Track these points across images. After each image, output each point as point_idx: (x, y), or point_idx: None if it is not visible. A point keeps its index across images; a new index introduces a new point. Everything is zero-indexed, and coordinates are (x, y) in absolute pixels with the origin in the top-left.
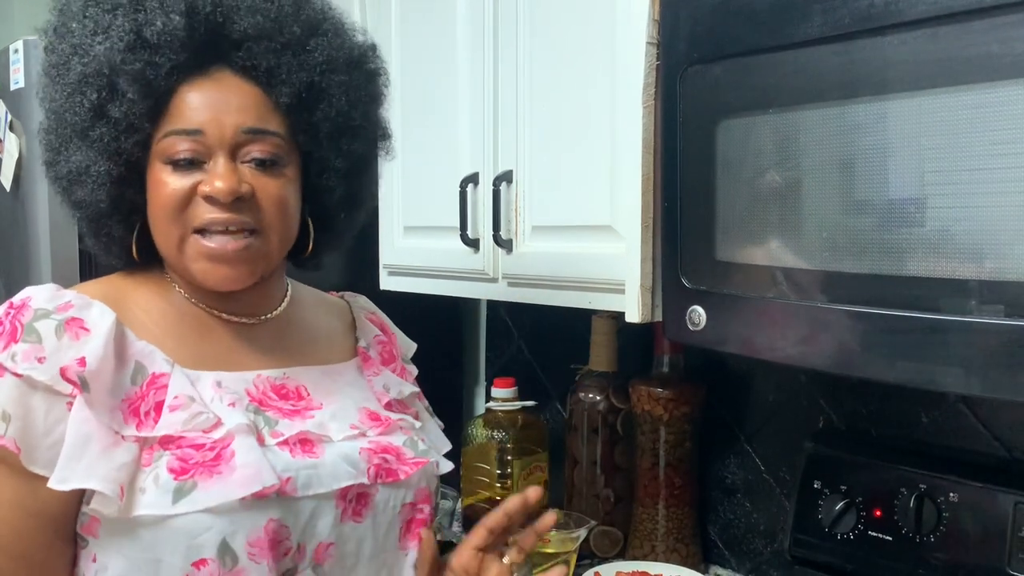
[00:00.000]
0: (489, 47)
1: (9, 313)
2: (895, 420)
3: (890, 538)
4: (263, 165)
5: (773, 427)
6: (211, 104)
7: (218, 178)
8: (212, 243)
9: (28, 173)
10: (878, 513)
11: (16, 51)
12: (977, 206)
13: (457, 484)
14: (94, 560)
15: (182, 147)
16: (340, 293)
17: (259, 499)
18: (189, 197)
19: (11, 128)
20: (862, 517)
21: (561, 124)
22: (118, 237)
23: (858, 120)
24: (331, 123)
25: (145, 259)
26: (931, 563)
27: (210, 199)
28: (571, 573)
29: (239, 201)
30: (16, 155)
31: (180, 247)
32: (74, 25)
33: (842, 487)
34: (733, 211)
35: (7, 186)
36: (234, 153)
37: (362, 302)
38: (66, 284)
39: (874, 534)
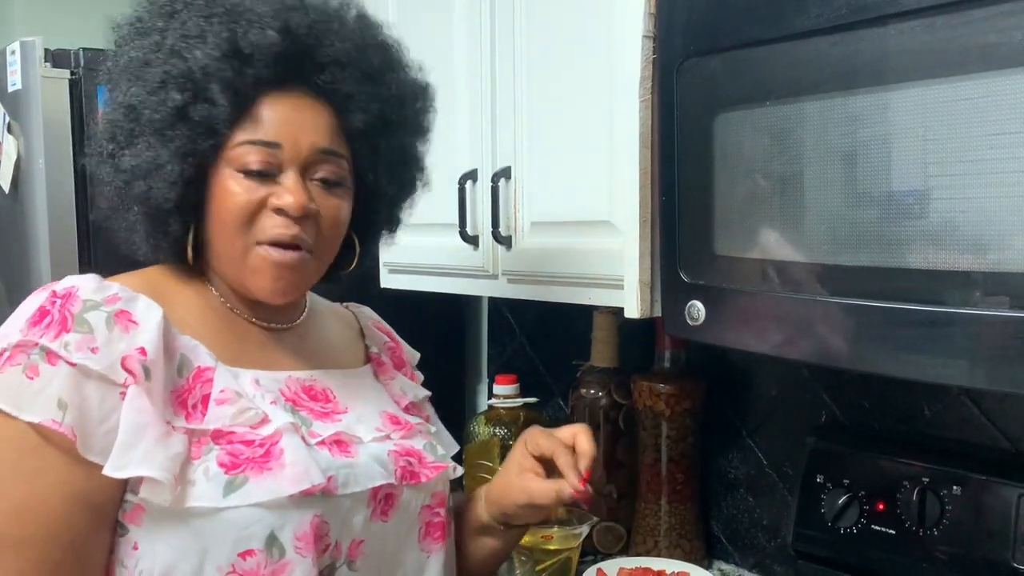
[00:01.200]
0: (486, 44)
1: (55, 302)
2: (898, 413)
3: (893, 532)
4: (328, 185)
5: (775, 422)
6: (290, 120)
7: (290, 192)
8: (275, 255)
9: (27, 175)
10: (881, 507)
11: (13, 53)
12: (979, 197)
13: (460, 481)
14: (135, 548)
15: (257, 157)
16: (344, 304)
17: (305, 496)
18: (259, 208)
19: (9, 130)
20: (865, 511)
21: (559, 120)
22: (173, 236)
23: (856, 111)
24: (392, 152)
25: (184, 258)
26: (935, 557)
27: (280, 212)
28: (574, 570)
29: (304, 218)
30: (15, 157)
31: (244, 257)
32: (160, 24)
33: (845, 481)
34: (731, 205)
35: (6, 188)
36: (304, 170)
37: (367, 312)
38: None
39: (877, 528)
